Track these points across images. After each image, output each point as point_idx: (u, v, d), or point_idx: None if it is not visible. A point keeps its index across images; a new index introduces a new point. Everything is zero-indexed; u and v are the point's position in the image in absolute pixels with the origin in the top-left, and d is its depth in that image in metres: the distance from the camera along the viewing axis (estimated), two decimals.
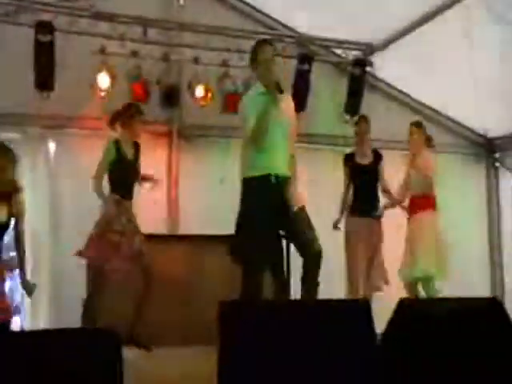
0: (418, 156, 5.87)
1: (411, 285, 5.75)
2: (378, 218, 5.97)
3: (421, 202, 5.84)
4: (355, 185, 6.03)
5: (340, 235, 5.90)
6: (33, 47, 5.80)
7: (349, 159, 6.04)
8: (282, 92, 4.26)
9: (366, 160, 6.04)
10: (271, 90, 4.20)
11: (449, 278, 5.67)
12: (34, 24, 5.81)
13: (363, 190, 6.02)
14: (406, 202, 6.01)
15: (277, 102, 4.24)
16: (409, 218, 5.92)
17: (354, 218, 5.95)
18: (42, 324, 5.94)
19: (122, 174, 5.19)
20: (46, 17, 5.91)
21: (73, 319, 5.11)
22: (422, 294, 5.71)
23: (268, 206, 4.23)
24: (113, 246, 5.05)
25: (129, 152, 5.24)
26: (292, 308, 2.98)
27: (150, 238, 5.60)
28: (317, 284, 4.38)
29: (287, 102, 4.46)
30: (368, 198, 6.01)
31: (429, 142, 5.97)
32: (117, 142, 5.17)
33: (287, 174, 4.36)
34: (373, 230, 5.96)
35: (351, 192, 6.04)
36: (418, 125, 5.96)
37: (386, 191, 6.07)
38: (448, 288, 5.47)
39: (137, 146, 5.32)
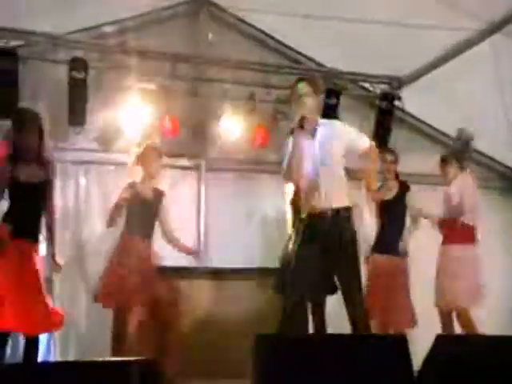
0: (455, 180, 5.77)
1: (445, 314, 5.63)
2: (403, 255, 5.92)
3: (458, 231, 5.64)
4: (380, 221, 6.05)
5: None
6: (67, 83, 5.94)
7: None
8: (302, 127, 4.21)
9: (390, 194, 6.02)
10: (298, 129, 4.21)
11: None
12: (69, 61, 5.96)
13: (387, 226, 6.00)
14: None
15: (306, 140, 4.26)
16: (444, 246, 5.73)
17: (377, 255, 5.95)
18: (71, 356, 5.99)
19: (136, 214, 5.31)
20: (78, 53, 6.05)
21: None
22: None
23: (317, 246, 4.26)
24: (124, 278, 5.13)
25: (147, 193, 5.38)
26: (329, 343, 2.99)
27: (177, 270, 5.78)
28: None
29: (325, 133, 4.39)
30: (392, 234, 5.97)
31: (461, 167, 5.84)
32: (133, 183, 5.33)
33: (343, 205, 4.33)
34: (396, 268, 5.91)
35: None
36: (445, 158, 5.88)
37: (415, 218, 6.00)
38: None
39: (159, 194, 5.46)
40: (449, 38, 6.16)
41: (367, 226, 6.11)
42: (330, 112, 6.50)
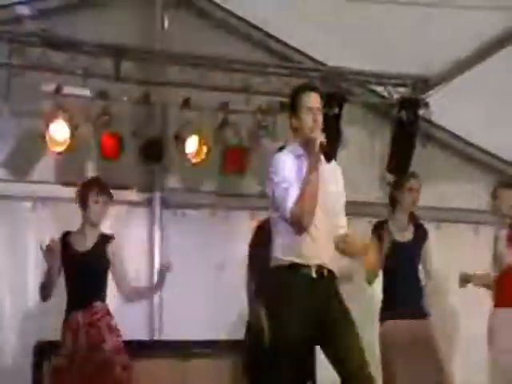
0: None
1: None
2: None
3: None
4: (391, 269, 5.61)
5: None
6: None
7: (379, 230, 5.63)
8: (329, 158, 3.95)
9: (405, 236, 5.60)
10: (314, 154, 3.83)
11: None
12: None
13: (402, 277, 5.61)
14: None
15: (319, 172, 3.90)
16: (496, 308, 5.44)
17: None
18: None
19: (77, 275, 4.91)
20: None
21: None
22: None
23: (303, 307, 3.92)
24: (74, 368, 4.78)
25: (86, 242, 4.97)
26: None
27: (128, 345, 5.23)
28: None
29: (332, 169, 4.09)
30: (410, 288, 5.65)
31: None
32: (66, 234, 4.97)
33: (330, 266, 4.02)
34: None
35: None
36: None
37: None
38: None
39: (104, 238, 5.02)
40: (495, 21, 5.51)
41: None
42: (329, 125, 5.55)
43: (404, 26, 5.63)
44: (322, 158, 3.91)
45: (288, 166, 3.92)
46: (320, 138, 3.84)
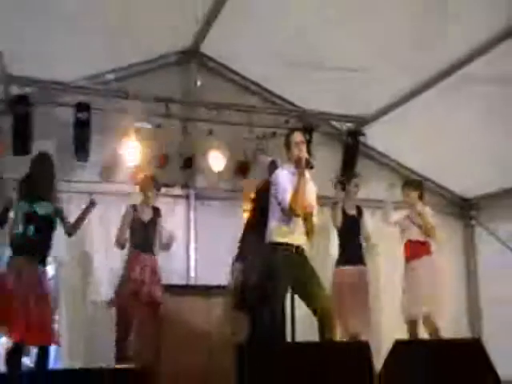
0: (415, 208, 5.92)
1: (412, 323, 5.70)
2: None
3: (419, 247, 5.86)
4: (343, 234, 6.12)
5: None
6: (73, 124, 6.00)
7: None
8: (312, 168, 4.42)
9: (351, 212, 6.15)
10: (301, 170, 4.37)
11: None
12: (74, 104, 6.01)
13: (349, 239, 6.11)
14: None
15: (305, 182, 4.40)
16: (408, 262, 5.89)
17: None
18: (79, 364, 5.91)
19: (139, 234, 5.57)
20: (83, 98, 6.10)
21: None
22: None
23: (286, 266, 4.40)
24: (133, 293, 5.34)
25: (146, 215, 5.64)
26: (302, 350, 3.01)
27: (170, 288, 5.82)
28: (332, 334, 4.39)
29: (310, 181, 4.58)
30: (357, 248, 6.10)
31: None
32: (134, 206, 5.64)
33: (303, 244, 4.52)
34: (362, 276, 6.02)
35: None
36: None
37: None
38: None
39: (155, 210, 5.73)
40: (407, 81, 6.21)
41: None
42: None
43: (352, 84, 6.12)
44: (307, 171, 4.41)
45: (284, 178, 4.44)
46: (304, 158, 4.39)
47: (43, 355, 4.54)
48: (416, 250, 5.86)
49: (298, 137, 4.58)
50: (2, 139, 4.67)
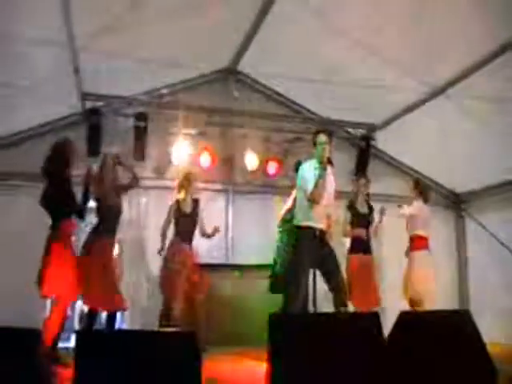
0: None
1: (412, 301, 5.66)
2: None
3: (420, 241, 5.77)
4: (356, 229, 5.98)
5: None
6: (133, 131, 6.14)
7: (351, 207, 6.02)
8: (332, 165, 4.48)
9: (364, 209, 6.01)
10: (324, 166, 4.42)
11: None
12: (134, 114, 6.17)
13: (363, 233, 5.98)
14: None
15: (326, 175, 4.45)
16: (410, 253, 5.81)
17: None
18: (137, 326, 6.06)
19: (181, 224, 5.46)
20: (141, 109, 6.26)
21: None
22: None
23: (311, 249, 4.44)
24: (176, 272, 5.27)
25: (187, 207, 5.49)
26: (321, 319, 3.03)
27: (212, 266, 5.93)
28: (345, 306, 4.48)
29: (330, 175, 4.60)
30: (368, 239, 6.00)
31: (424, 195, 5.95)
32: (177, 202, 5.47)
33: (325, 228, 4.53)
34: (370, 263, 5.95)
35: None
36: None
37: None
38: None
39: (195, 202, 5.55)
40: (409, 96, 6.22)
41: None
42: None
43: (364, 95, 6.02)
44: (329, 167, 4.48)
45: (308, 172, 4.50)
46: (326, 156, 4.45)
47: (111, 319, 4.62)
48: (417, 244, 5.77)
49: (322, 137, 4.56)
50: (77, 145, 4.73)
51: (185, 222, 5.46)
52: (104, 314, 4.86)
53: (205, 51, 6.05)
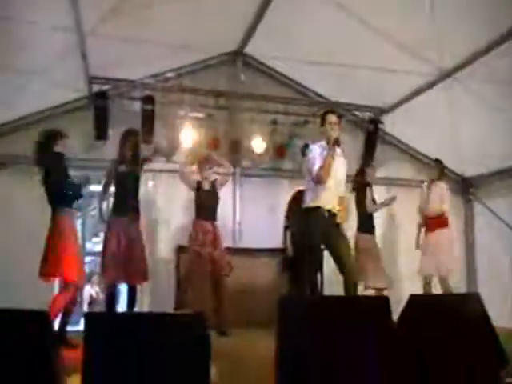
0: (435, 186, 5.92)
1: (427, 282, 5.78)
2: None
3: (437, 220, 5.82)
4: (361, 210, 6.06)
5: None
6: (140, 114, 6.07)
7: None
8: (339, 145, 4.42)
9: (370, 191, 6.10)
10: (333, 146, 4.37)
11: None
12: (141, 98, 6.12)
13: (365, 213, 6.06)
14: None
15: (334, 155, 4.41)
16: (427, 232, 5.88)
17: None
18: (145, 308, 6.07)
19: (203, 200, 5.48)
20: (148, 92, 6.19)
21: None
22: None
23: (321, 229, 4.41)
24: (195, 253, 5.29)
25: (206, 185, 5.52)
26: (331, 302, 2.99)
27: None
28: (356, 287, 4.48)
29: (340, 156, 4.57)
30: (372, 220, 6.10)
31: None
32: (198, 182, 5.52)
33: (335, 209, 4.48)
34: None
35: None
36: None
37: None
38: None
39: (213, 183, 5.58)
40: (417, 80, 6.17)
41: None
42: None
43: (373, 79, 6.02)
44: (337, 148, 4.43)
45: (315, 152, 4.44)
46: (335, 136, 4.39)
47: (132, 292, 4.71)
48: (433, 224, 5.83)
49: (332, 118, 4.50)
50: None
51: (206, 197, 5.44)
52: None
53: (212, 34, 5.99)
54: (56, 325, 4.20)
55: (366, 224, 6.04)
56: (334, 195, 4.46)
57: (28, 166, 5.01)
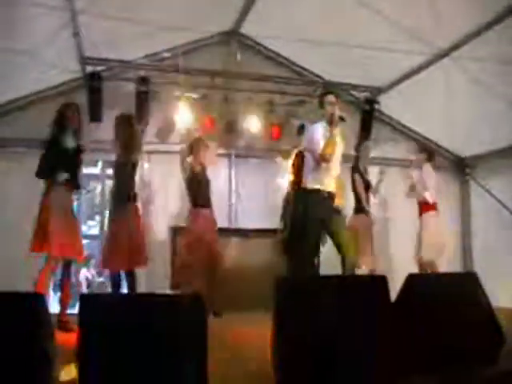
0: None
1: (422, 264, 5.79)
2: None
3: (428, 205, 5.84)
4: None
5: None
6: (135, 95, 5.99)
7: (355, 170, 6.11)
8: (345, 121, 4.39)
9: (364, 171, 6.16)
10: (333, 125, 4.35)
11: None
12: (136, 79, 6.03)
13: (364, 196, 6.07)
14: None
15: (335, 135, 4.39)
16: (421, 216, 5.89)
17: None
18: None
19: (197, 190, 5.45)
20: (143, 73, 6.11)
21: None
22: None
23: (320, 211, 4.41)
24: (196, 240, 5.30)
25: (203, 174, 5.50)
26: (328, 282, 2.94)
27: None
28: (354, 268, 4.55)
29: (338, 136, 4.53)
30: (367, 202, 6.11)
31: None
32: (192, 167, 5.47)
33: (333, 190, 4.50)
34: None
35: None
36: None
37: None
38: None
39: (204, 168, 5.56)
40: (413, 59, 6.08)
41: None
42: None
43: (370, 59, 5.89)
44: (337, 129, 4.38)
45: (317, 132, 4.42)
46: (336, 114, 4.37)
47: (132, 279, 4.70)
48: (425, 208, 5.85)
49: (331, 97, 4.51)
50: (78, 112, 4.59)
51: (200, 188, 5.43)
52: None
53: (207, 13, 5.89)
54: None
55: (359, 205, 6.06)
56: (332, 176, 4.49)
57: (23, 149, 4.95)
